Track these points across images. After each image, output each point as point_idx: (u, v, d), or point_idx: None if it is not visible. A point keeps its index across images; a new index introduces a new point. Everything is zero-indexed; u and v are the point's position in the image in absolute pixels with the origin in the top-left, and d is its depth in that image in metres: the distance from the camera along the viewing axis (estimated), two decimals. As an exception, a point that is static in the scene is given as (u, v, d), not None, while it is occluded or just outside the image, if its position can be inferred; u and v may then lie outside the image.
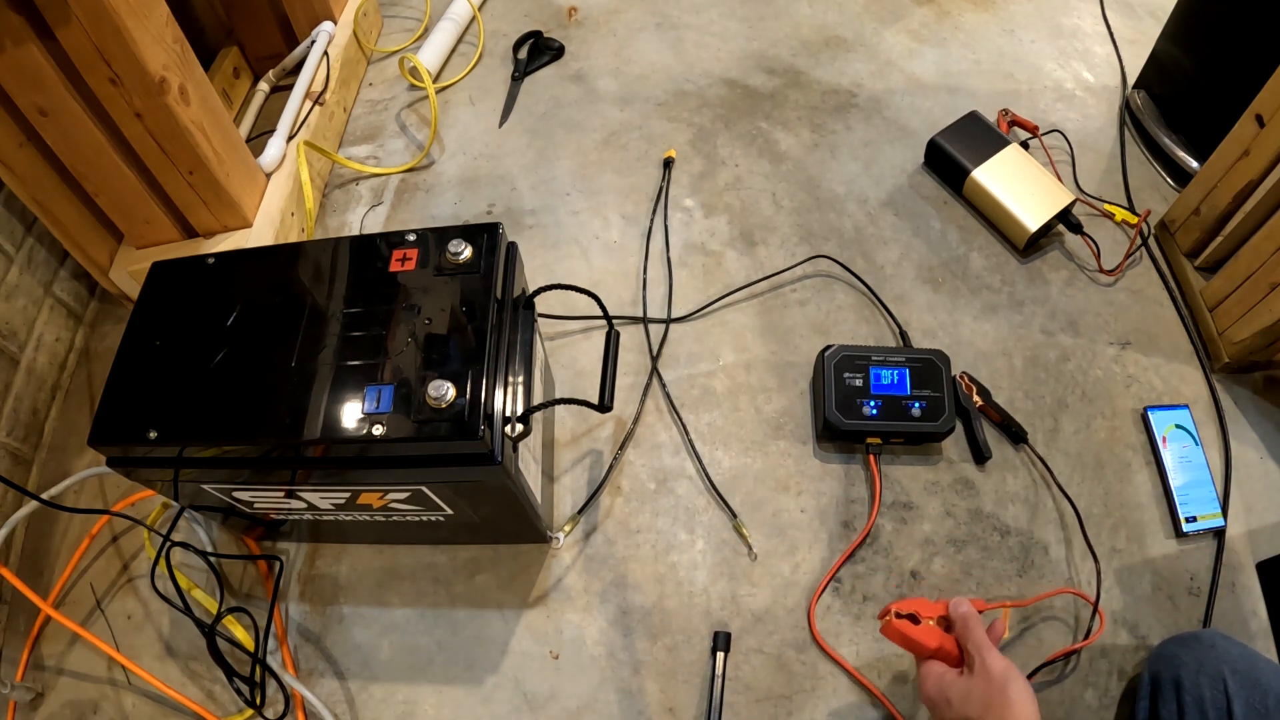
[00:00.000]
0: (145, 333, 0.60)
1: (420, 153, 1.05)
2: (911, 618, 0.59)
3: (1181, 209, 0.89)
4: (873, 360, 0.79)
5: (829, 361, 0.79)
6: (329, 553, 0.77)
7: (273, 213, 0.89)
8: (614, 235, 0.96)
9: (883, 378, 0.78)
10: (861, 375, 0.78)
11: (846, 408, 0.77)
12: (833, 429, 0.77)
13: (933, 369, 0.78)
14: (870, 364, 0.78)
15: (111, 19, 0.65)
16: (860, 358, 0.79)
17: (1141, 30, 1.15)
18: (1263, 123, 0.76)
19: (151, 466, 0.58)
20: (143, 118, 0.73)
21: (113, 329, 0.94)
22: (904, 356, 0.79)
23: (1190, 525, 0.75)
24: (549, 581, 0.74)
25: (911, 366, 0.78)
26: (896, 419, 0.76)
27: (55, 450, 0.86)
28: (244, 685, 0.67)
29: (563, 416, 0.83)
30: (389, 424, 0.53)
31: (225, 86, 1.06)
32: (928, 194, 0.98)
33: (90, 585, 0.77)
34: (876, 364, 0.78)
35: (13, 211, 0.82)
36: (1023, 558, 0.74)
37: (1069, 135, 1.02)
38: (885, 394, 0.77)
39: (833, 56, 1.13)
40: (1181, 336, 0.87)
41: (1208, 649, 0.59)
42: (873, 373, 0.78)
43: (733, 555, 0.75)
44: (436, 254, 0.61)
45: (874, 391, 0.77)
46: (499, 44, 1.18)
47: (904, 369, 0.78)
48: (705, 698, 0.68)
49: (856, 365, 0.78)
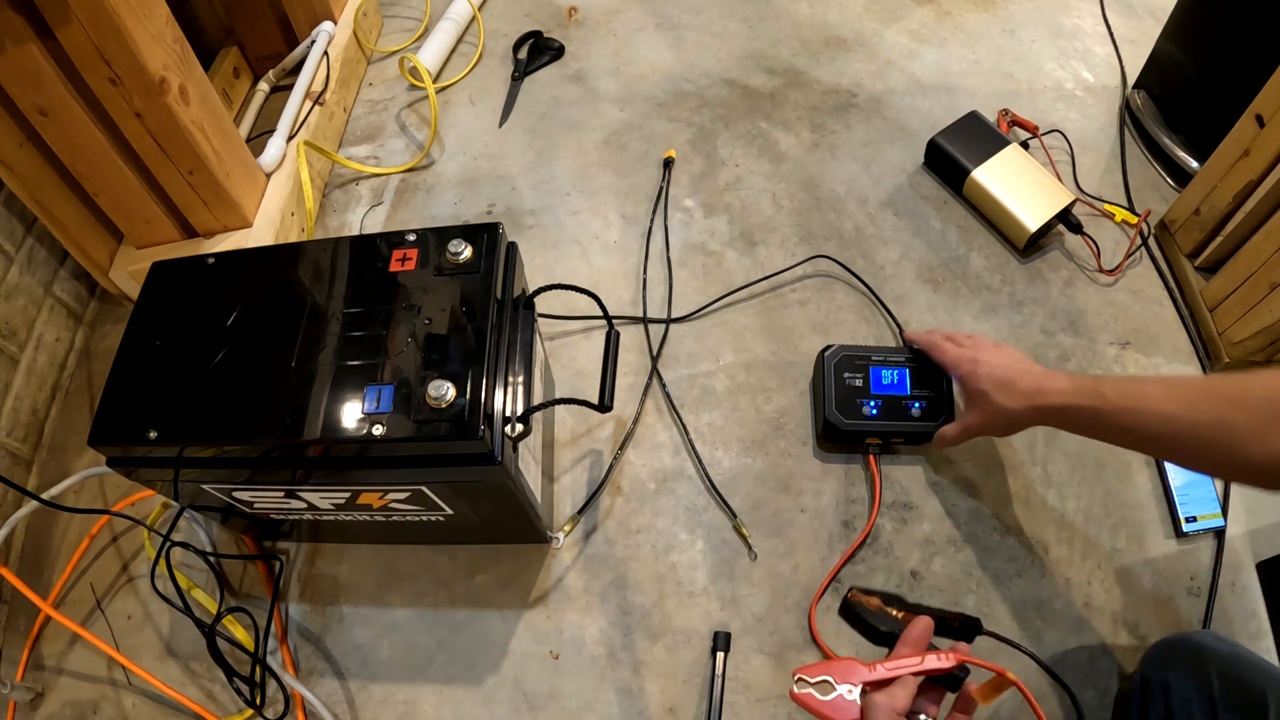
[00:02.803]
0: (145, 333, 0.60)
1: (420, 153, 1.05)
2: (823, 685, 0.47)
3: (1181, 209, 0.89)
4: (873, 360, 0.78)
5: (829, 361, 0.79)
6: (329, 553, 0.77)
7: (273, 213, 0.89)
8: (614, 235, 0.96)
9: (883, 378, 0.78)
10: (862, 375, 0.78)
11: (847, 408, 0.76)
12: (833, 429, 0.77)
13: (933, 368, 0.77)
14: (871, 364, 0.78)
15: (111, 19, 0.65)
16: (860, 358, 0.79)
17: (1141, 30, 1.15)
18: (1263, 123, 0.76)
19: (151, 466, 0.58)
20: (143, 118, 0.73)
21: (113, 329, 0.94)
22: (904, 356, 0.79)
23: (1190, 525, 0.75)
24: (549, 581, 0.74)
25: (912, 366, 0.78)
26: (897, 419, 0.76)
27: (55, 450, 0.86)
28: (244, 685, 0.67)
29: (563, 416, 0.83)
30: (389, 424, 0.53)
31: (225, 86, 1.06)
32: (928, 194, 0.98)
33: (90, 585, 0.77)
34: (877, 364, 0.78)
35: (13, 211, 0.82)
36: (1023, 558, 0.74)
37: (1069, 135, 1.02)
38: (886, 394, 0.77)
39: (833, 56, 1.13)
40: (1181, 336, 0.87)
41: (1196, 650, 0.59)
42: (873, 373, 0.78)
43: (733, 555, 0.75)
44: (436, 254, 0.61)
45: (874, 391, 0.77)
46: (499, 44, 1.18)
47: (904, 369, 0.78)
48: (705, 698, 0.68)
49: (857, 365, 0.78)
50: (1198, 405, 0.53)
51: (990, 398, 0.66)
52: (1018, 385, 0.64)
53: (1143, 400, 0.56)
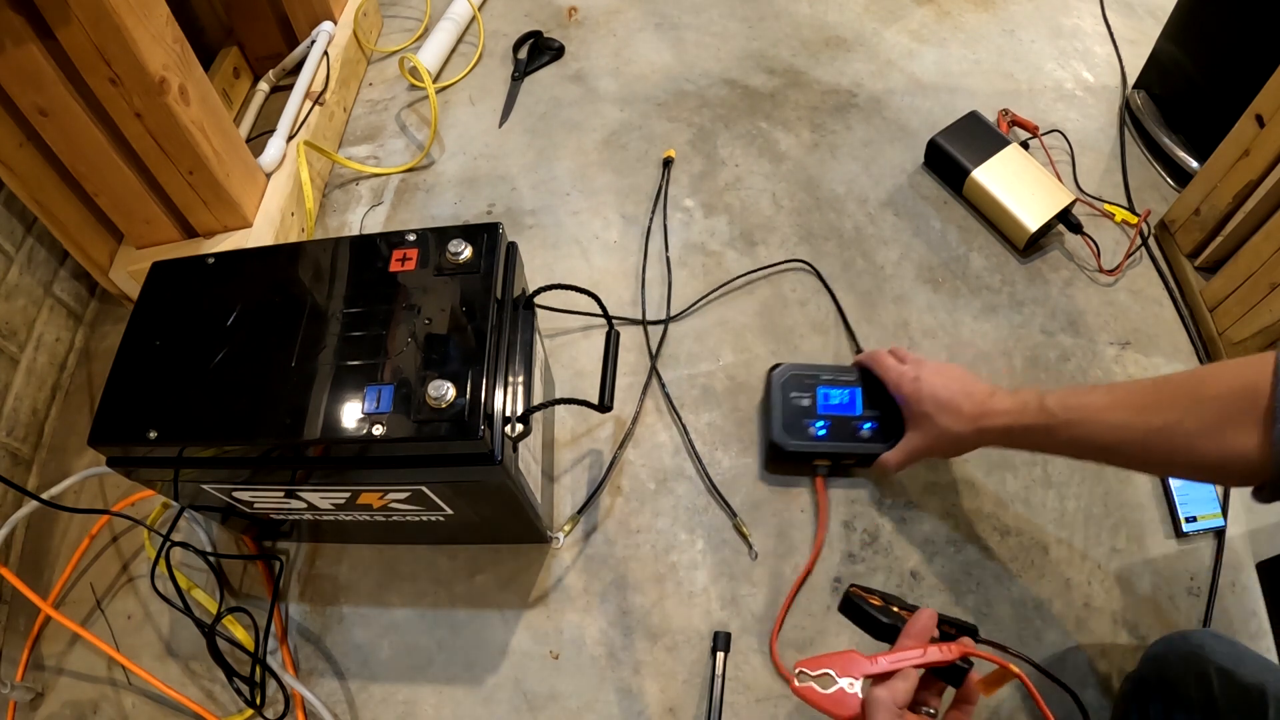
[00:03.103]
0: (145, 333, 0.60)
1: (420, 153, 1.05)
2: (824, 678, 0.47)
3: (1181, 209, 0.89)
4: (822, 379, 0.76)
5: (776, 381, 0.76)
6: (329, 553, 0.77)
7: (273, 213, 0.89)
8: (614, 235, 0.96)
9: (832, 397, 0.75)
10: (809, 395, 0.75)
11: (793, 428, 0.74)
12: (778, 450, 0.74)
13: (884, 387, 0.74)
14: (819, 383, 0.76)
15: (111, 19, 0.65)
16: (809, 376, 0.76)
17: (1141, 30, 1.15)
18: (1263, 123, 0.76)
19: (151, 466, 0.58)
20: (143, 118, 0.73)
21: (113, 329, 0.94)
22: (855, 375, 0.76)
23: (1190, 525, 0.75)
24: (549, 581, 0.74)
25: (863, 385, 0.75)
26: (846, 440, 0.73)
27: (55, 450, 0.86)
28: (244, 685, 0.67)
29: (563, 416, 0.83)
30: (389, 424, 0.53)
31: (225, 86, 1.06)
32: (928, 194, 0.98)
33: (90, 585, 0.77)
34: (826, 383, 0.76)
35: (13, 211, 0.82)
36: (1022, 557, 0.74)
37: (1069, 135, 1.02)
38: (834, 414, 0.74)
39: (833, 56, 1.13)
40: (1181, 336, 0.87)
41: (1195, 649, 0.59)
42: (821, 392, 0.75)
43: (733, 555, 0.75)
44: (436, 254, 0.61)
45: (822, 411, 0.75)
46: (499, 44, 1.18)
47: (855, 388, 0.75)
48: (705, 698, 0.68)
49: (805, 384, 0.76)
50: (1148, 410, 0.53)
51: (933, 420, 0.65)
52: (961, 407, 0.63)
53: (1089, 411, 0.56)
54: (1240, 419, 0.48)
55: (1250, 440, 0.47)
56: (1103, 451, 0.57)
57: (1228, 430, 0.48)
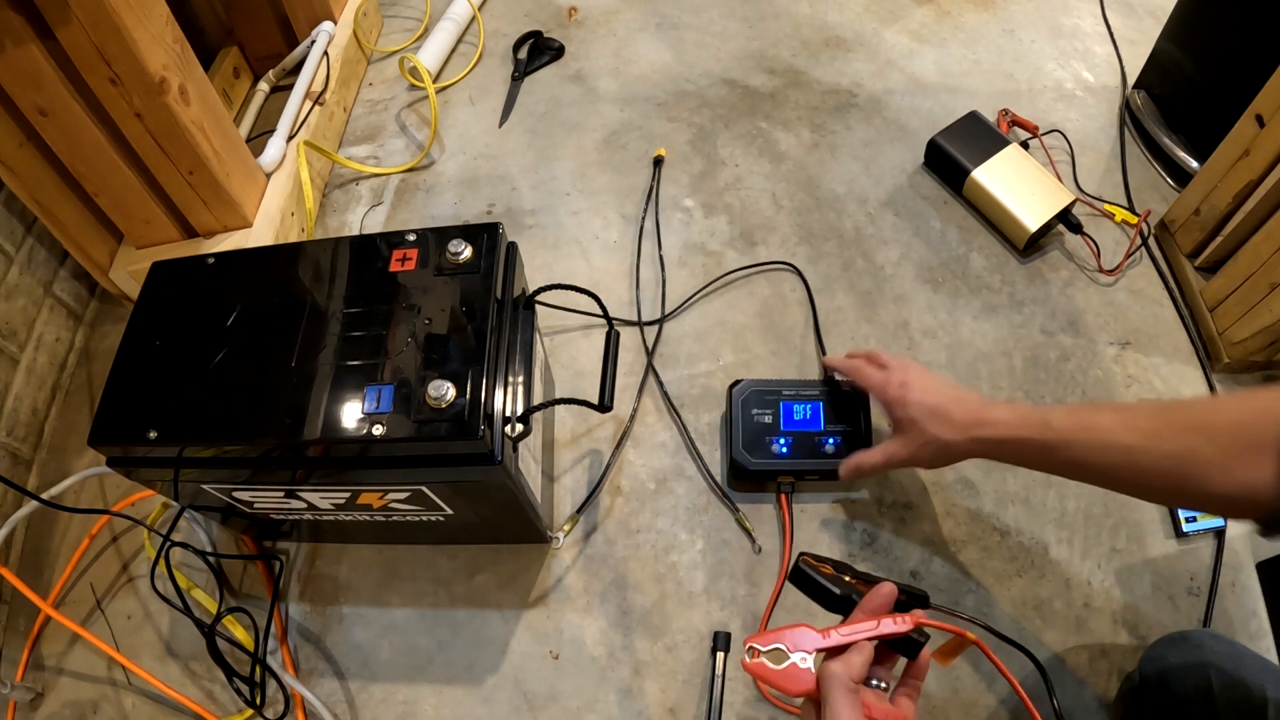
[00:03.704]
0: (145, 333, 0.60)
1: (420, 153, 1.05)
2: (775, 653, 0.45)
3: (1181, 209, 0.89)
4: (784, 395, 0.76)
5: (737, 398, 0.76)
6: (329, 553, 0.77)
7: (273, 213, 0.89)
8: (614, 235, 0.96)
9: (795, 413, 0.75)
10: (771, 411, 0.75)
11: (755, 447, 0.74)
12: (740, 469, 0.74)
13: (848, 401, 0.74)
14: (781, 399, 0.75)
15: (111, 19, 0.65)
16: (771, 393, 0.76)
17: (1141, 30, 1.15)
18: (1263, 123, 0.76)
19: (151, 466, 0.58)
20: (143, 118, 0.73)
21: (113, 329, 0.94)
22: (818, 390, 0.76)
23: (1190, 525, 0.75)
24: (549, 581, 0.74)
25: (825, 400, 0.75)
26: (809, 456, 0.73)
27: (55, 450, 0.86)
28: (244, 685, 0.67)
29: (563, 416, 0.83)
30: (389, 424, 0.53)
31: (225, 86, 1.06)
32: (928, 194, 0.98)
33: (90, 585, 0.77)
34: (788, 399, 0.75)
35: (13, 211, 0.82)
36: (1022, 557, 0.74)
37: (1069, 135, 1.02)
38: (797, 430, 0.74)
39: (833, 56, 1.13)
40: (1181, 336, 0.87)
41: (1195, 648, 0.59)
42: (784, 408, 0.75)
43: (733, 555, 0.75)
44: (436, 254, 0.61)
45: (785, 428, 0.74)
46: (499, 44, 1.18)
47: (817, 403, 0.75)
48: (705, 698, 0.68)
49: (767, 401, 0.75)
50: (1161, 436, 0.50)
51: (922, 427, 0.62)
52: (952, 414, 0.61)
53: (1097, 431, 0.53)
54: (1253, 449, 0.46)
55: (1263, 473, 0.45)
56: (1104, 474, 0.55)
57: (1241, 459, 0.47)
